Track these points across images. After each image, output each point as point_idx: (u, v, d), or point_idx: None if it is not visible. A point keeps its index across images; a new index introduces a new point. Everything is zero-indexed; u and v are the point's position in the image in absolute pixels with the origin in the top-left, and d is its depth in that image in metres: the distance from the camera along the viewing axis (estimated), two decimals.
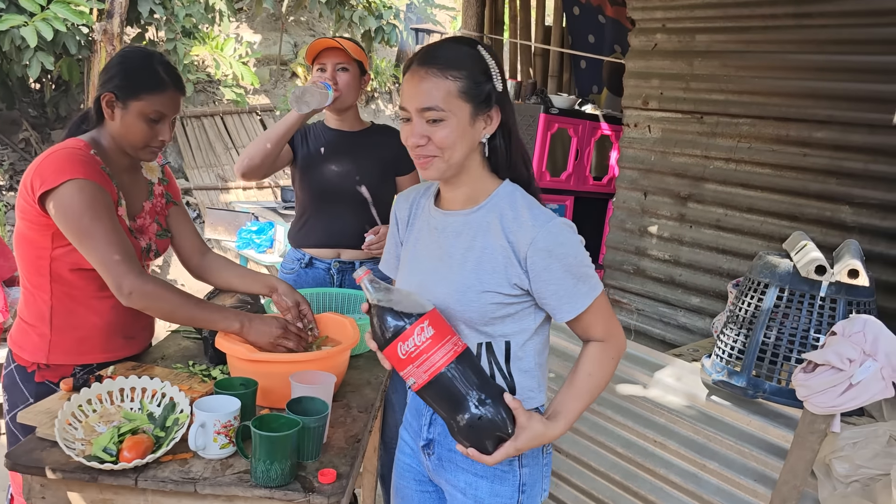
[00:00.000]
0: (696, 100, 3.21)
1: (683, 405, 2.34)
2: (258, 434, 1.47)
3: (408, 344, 1.31)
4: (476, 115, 1.36)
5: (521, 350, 1.48)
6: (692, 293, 3.29)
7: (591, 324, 1.45)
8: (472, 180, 1.45)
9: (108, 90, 1.85)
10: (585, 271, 1.40)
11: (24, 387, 1.92)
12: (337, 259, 2.60)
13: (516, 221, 1.39)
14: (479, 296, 1.41)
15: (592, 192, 4.52)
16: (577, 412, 1.44)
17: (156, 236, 2.07)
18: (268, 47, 8.21)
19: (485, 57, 1.38)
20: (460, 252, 1.45)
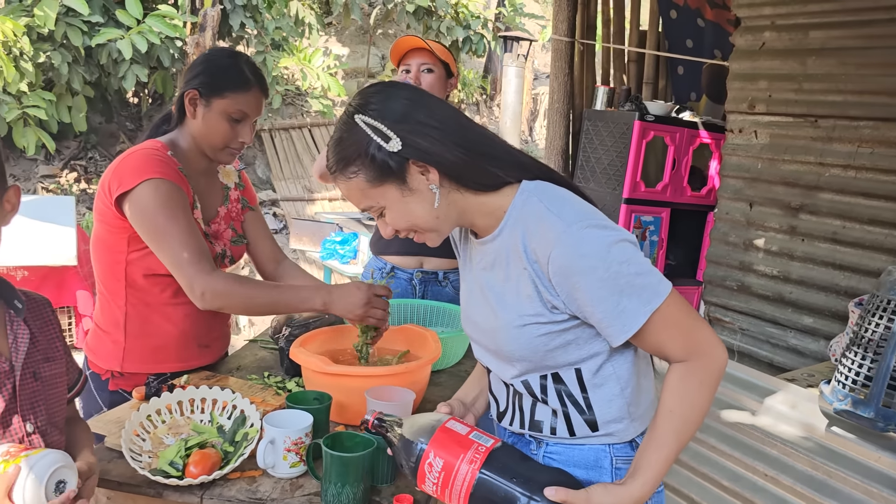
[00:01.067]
0: (810, 102, 2.96)
1: (799, 436, 2.14)
2: (329, 454, 1.37)
3: (428, 482, 1.21)
4: (402, 183, 1.21)
5: (598, 376, 1.26)
6: (804, 312, 3.03)
7: (661, 342, 1.18)
8: (478, 210, 1.26)
9: (192, 87, 1.81)
10: (630, 281, 1.14)
11: (98, 395, 1.88)
12: (420, 269, 2.49)
13: (535, 237, 1.18)
14: (521, 331, 1.23)
15: (690, 203, 4.28)
16: (661, 464, 1.17)
17: (231, 242, 2.00)
18: (356, 60, 8.30)
19: (365, 129, 1.19)
20: (499, 285, 1.28)
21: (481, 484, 1.17)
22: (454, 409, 1.41)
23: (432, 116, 1.20)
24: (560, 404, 1.29)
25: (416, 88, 1.26)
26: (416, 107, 1.20)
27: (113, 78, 5.20)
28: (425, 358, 1.79)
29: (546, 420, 1.32)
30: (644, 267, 1.17)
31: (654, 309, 1.15)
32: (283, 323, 2.12)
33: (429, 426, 1.25)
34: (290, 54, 6.32)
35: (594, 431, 1.29)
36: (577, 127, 4.63)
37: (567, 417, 1.29)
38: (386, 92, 1.22)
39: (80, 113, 5.35)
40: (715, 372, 1.19)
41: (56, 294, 3.69)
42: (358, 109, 1.21)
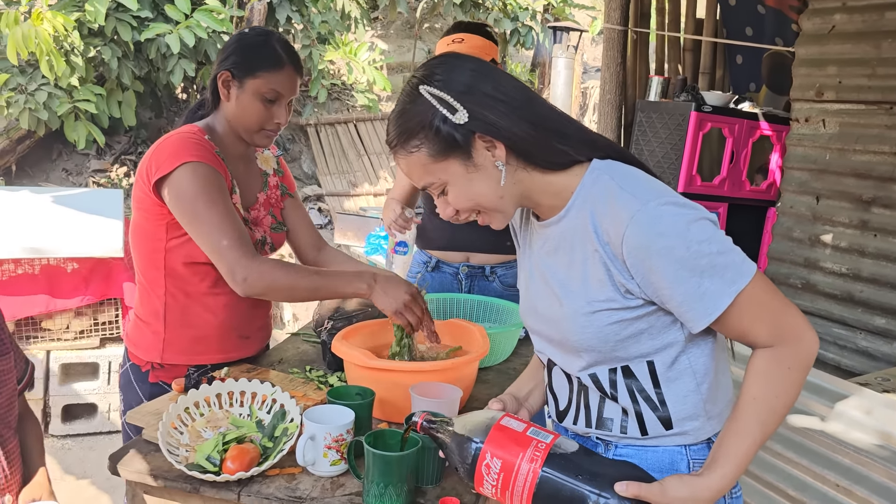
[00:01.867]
0: (885, 87, 2.80)
1: (874, 444, 2.01)
2: (371, 452, 1.29)
3: (487, 484, 1.14)
4: (467, 159, 1.15)
5: (672, 370, 1.18)
6: (876, 313, 2.86)
7: (745, 326, 1.10)
8: (544, 191, 1.19)
9: (224, 68, 1.77)
10: (712, 261, 1.06)
11: (138, 387, 1.83)
12: (465, 263, 2.40)
13: (608, 216, 1.11)
14: (591, 318, 1.15)
15: (749, 198, 4.10)
16: (743, 453, 1.08)
17: (270, 229, 1.94)
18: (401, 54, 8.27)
19: (430, 99, 1.13)
20: (563, 270, 1.20)
21: (544, 483, 1.09)
22: (507, 404, 1.33)
23: (499, 89, 1.14)
24: (631, 401, 1.20)
25: (481, 61, 1.19)
26: (483, 79, 1.15)
27: (162, 73, 5.24)
28: (473, 354, 1.71)
29: (616, 418, 1.23)
30: (726, 245, 1.08)
31: (738, 290, 1.07)
32: (326, 316, 2.06)
33: (483, 424, 1.17)
34: (335, 48, 6.30)
35: (668, 430, 1.20)
36: (629, 119, 4.49)
37: (639, 415, 1.20)
38: (451, 63, 1.17)
39: (130, 108, 5.41)
40: (805, 358, 1.10)
41: (104, 286, 3.70)
42: (423, 80, 1.15)
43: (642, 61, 4.61)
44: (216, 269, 1.77)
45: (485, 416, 1.19)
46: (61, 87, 5.02)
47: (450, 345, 1.90)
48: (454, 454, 1.17)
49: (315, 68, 6.07)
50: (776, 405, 1.09)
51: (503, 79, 1.17)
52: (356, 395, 1.57)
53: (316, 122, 6.70)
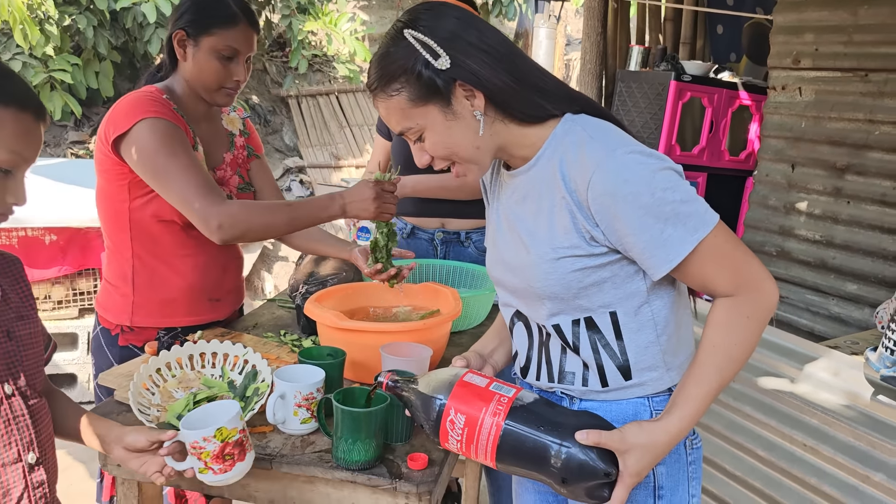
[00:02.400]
0: (861, 55, 2.80)
1: (841, 404, 2.03)
2: (340, 409, 1.30)
3: (452, 440, 1.15)
4: (447, 105, 1.15)
5: (635, 320, 1.19)
6: (848, 279, 2.89)
7: (707, 275, 1.11)
8: (518, 142, 1.21)
9: (178, 27, 1.74)
10: (675, 208, 1.07)
11: (108, 350, 1.83)
12: (441, 229, 2.40)
13: (576, 164, 1.12)
14: (556, 265, 1.16)
15: (728, 168, 4.12)
16: (700, 399, 1.11)
17: (237, 190, 1.93)
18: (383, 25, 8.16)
19: (414, 44, 1.13)
20: (530, 218, 1.21)
21: (508, 435, 1.11)
22: (470, 361, 1.35)
23: (483, 39, 1.15)
24: (593, 352, 1.22)
25: (466, 10, 1.19)
26: (468, 27, 1.15)
27: (139, 42, 5.15)
28: (445, 315, 1.71)
29: (577, 371, 1.25)
30: (690, 195, 1.09)
31: (700, 238, 1.08)
32: (301, 281, 2.06)
33: (446, 382, 1.18)
34: (315, 18, 6.22)
35: (627, 380, 1.22)
36: (609, 89, 4.48)
37: (600, 368, 1.22)
38: (437, 9, 1.17)
39: (108, 78, 5.33)
40: (765, 307, 1.11)
41: (81, 256, 3.67)
42: (407, 24, 1.15)
43: (623, 31, 4.59)
44: (184, 230, 1.76)
45: (448, 374, 1.21)
46: (36, 57, 4.93)
47: (425, 307, 1.91)
48: (419, 412, 1.19)
49: (295, 39, 5.99)
50: (734, 353, 1.11)
51: (487, 30, 1.17)
52: (328, 356, 1.58)
53: (297, 93, 6.63)
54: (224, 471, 1.22)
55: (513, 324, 1.34)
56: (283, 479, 1.37)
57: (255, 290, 5.20)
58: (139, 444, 1.23)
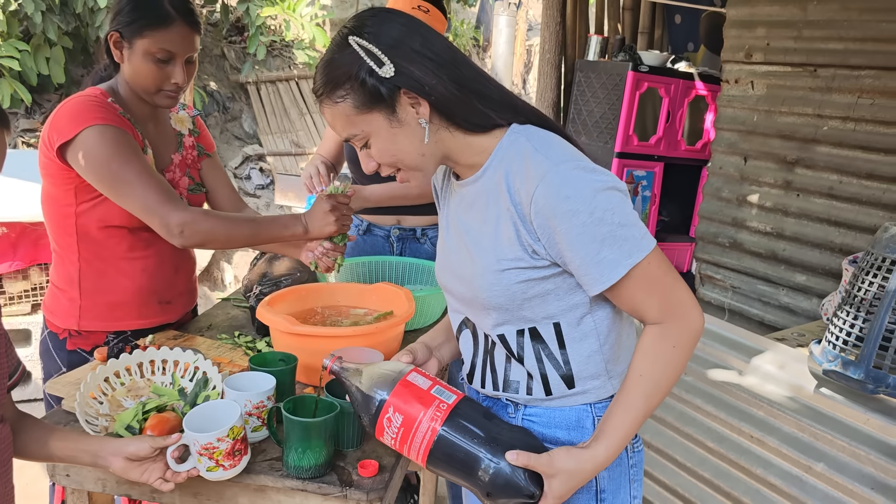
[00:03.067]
0: (810, 50, 2.85)
1: (786, 397, 2.09)
2: (290, 418, 1.31)
3: (387, 436, 1.18)
4: (391, 113, 1.15)
5: (577, 330, 1.21)
6: (797, 270, 2.96)
7: (637, 300, 1.14)
8: (464, 151, 1.21)
9: (112, 28, 1.67)
10: (613, 231, 1.08)
11: (56, 355, 1.80)
12: (397, 226, 2.40)
13: (520, 175, 1.13)
14: (500, 276, 1.17)
15: (685, 157, 4.18)
16: (627, 426, 1.14)
17: (188, 191, 1.91)
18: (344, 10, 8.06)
19: (358, 51, 1.13)
20: (476, 228, 1.22)
21: (441, 442, 1.14)
22: (417, 353, 1.37)
23: (428, 47, 1.15)
24: (537, 362, 1.23)
25: (412, 17, 1.19)
26: (413, 35, 1.15)
27: (91, 28, 5.02)
28: (398, 317, 1.72)
29: (521, 381, 1.26)
30: (629, 218, 1.11)
31: (633, 263, 1.10)
32: (255, 281, 2.05)
33: (390, 378, 1.20)
34: (273, 4, 6.12)
35: (570, 389, 1.24)
36: (569, 78, 4.50)
37: (544, 377, 1.24)
38: (382, 16, 1.17)
39: (59, 65, 5.18)
40: (690, 336, 1.14)
41: (33, 251, 3.59)
42: (352, 31, 1.15)
43: (582, 20, 4.61)
44: (133, 233, 1.74)
45: (393, 369, 1.22)
46: None
47: (378, 309, 1.91)
48: (359, 403, 1.21)
49: (253, 24, 5.89)
50: (661, 381, 1.14)
51: (432, 37, 1.17)
52: (279, 362, 1.57)
53: (256, 79, 6.53)
54: (233, 466, 1.27)
55: (460, 330, 1.36)
56: (233, 487, 1.37)
57: (214, 281, 5.15)
58: (143, 452, 1.23)
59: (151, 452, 1.24)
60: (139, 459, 1.24)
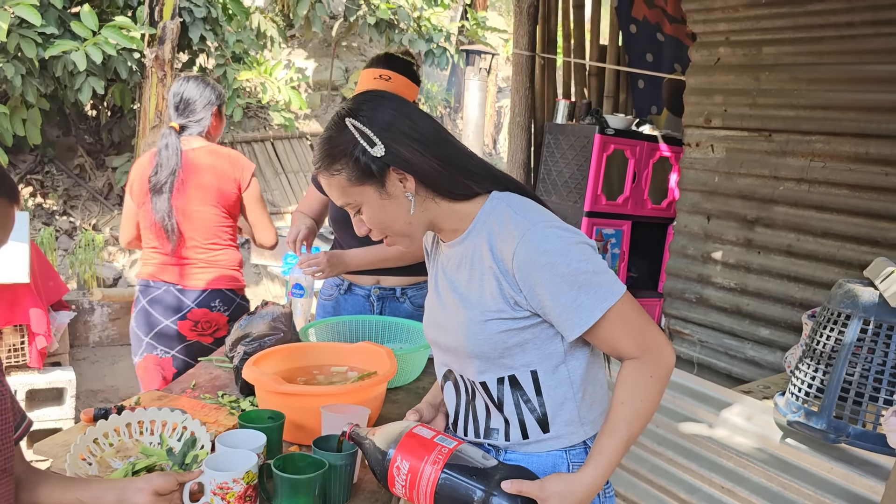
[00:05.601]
0: (764, 116, 3.02)
1: (754, 448, 2.16)
2: (279, 476, 1.34)
3: (398, 484, 1.29)
4: (381, 186, 1.29)
5: (553, 377, 1.33)
6: (761, 324, 3.07)
7: (614, 339, 1.27)
8: (448, 218, 1.35)
9: None
10: (588, 279, 1.22)
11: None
12: (377, 285, 2.47)
13: (501, 236, 1.28)
14: (484, 326, 1.30)
15: (651, 216, 4.32)
16: (613, 450, 1.25)
17: None
18: (319, 73, 8.26)
19: (353, 131, 1.28)
20: (464, 284, 1.35)
21: (444, 483, 1.24)
22: (423, 413, 1.47)
23: (415, 129, 1.29)
24: (515, 409, 1.34)
25: (404, 101, 1.34)
26: (402, 118, 1.29)
27: (69, 90, 5.09)
28: (380, 375, 1.78)
29: (500, 428, 1.37)
30: (601, 267, 1.25)
31: (609, 306, 1.23)
32: (238, 340, 2.08)
33: (397, 433, 1.32)
34: (250, 67, 6.27)
35: (545, 432, 1.34)
36: (538, 140, 4.65)
37: (521, 423, 1.35)
38: (376, 101, 1.32)
39: (36, 126, 5.23)
40: (664, 368, 1.27)
41: (8, 312, 3.58)
42: (349, 113, 1.30)
43: (550, 85, 4.79)
44: None
45: (400, 427, 1.34)
46: None
47: (361, 368, 1.96)
48: (373, 459, 1.32)
49: (230, 87, 6.02)
50: (640, 408, 1.26)
51: (420, 119, 1.32)
52: (268, 419, 1.61)
53: (231, 140, 6.63)
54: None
55: (444, 381, 1.46)
56: None
57: None
58: (169, 485, 1.29)
59: (177, 486, 1.31)
60: (166, 493, 1.29)
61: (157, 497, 1.29)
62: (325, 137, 1.32)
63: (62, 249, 5.27)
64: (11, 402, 1.29)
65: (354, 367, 1.96)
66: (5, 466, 1.23)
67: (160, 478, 1.30)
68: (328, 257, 2.28)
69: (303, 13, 6.89)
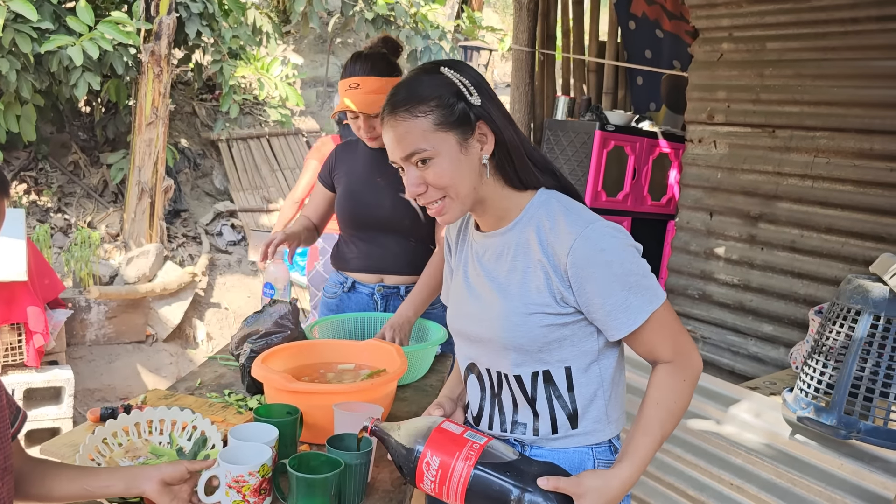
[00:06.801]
0: (768, 112, 3.01)
1: (763, 444, 2.15)
2: (295, 475, 1.32)
3: (426, 481, 1.27)
4: (464, 139, 1.25)
5: (585, 375, 1.34)
6: (764, 320, 3.07)
7: (654, 342, 1.28)
8: (497, 202, 1.33)
9: None
10: (638, 281, 1.24)
11: None
12: (381, 283, 2.45)
13: (553, 231, 1.27)
14: (526, 319, 1.29)
15: (651, 212, 4.32)
16: (647, 448, 1.26)
17: None
18: (315, 69, 8.21)
19: (450, 78, 1.26)
20: (503, 275, 1.33)
21: (477, 480, 1.22)
22: (445, 406, 1.46)
23: (498, 105, 1.30)
24: (547, 403, 1.34)
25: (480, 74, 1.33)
26: (486, 85, 1.30)
27: (64, 86, 5.03)
28: (391, 373, 1.76)
29: (528, 423, 1.37)
30: (647, 271, 1.27)
31: (654, 309, 1.25)
32: (244, 338, 2.06)
33: (424, 428, 1.30)
34: (247, 63, 6.22)
35: (574, 428, 1.35)
36: (538, 137, 4.65)
37: (552, 417, 1.35)
38: (460, 64, 1.30)
39: (30, 122, 5.17)
40: (696, 373, 1.30)
41: (6, 310, 3.54)
42: (440, 65, 1.28)
43: (549, 82, 4.78)
44: None
45: (427, 422, 1.32)
46: None
47: (370, 365, 1.94)
48: (399, 455, 1.30)
49: (226, 84, 5.97)
50: (674, 409, 1.27)
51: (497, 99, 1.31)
52: (285, 414, 1.59)
53: (227, 137, 6.59)
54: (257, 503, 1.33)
55: (467, 375, 1.45)
56: None
57: (186, 339, 5.10)
58: (179, 474, 1.28)
59: (186, 475, 1.29)
60: (175, 483, 1.28)
61: (164, 486, 1.28)
62: (413, 79, 1.27)
63: (57, 247, 5.22)
64: (7, 400, 1.26)
65: (363, 365, 1.95)
66: (5, 465, 1.21)
67: (169, 466, 1.29)
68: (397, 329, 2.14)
69: (300, 9, 6.85)
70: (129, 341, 4.79)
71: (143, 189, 5.26)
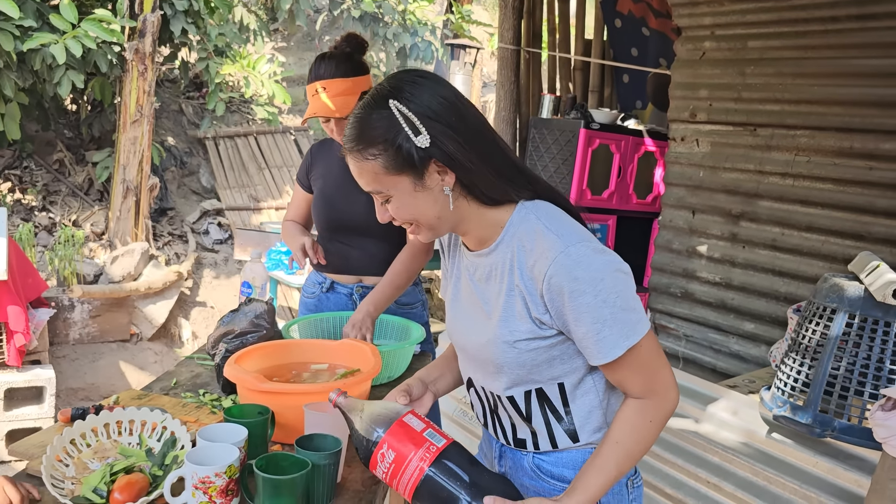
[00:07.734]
0: (749, 111, 3.01)
1: (740, 442, 2.16)
2: (260, 476, 1.31)
3: (379, 469, 1.27)
4: (418, 178, 1.19)
5: (580, 387, 1.29)
6: (746, 318, 3.07)
7: (626, 377, 1.21)
8: (476, 221, 1.27)
9: None
10: (613, 314, 1.15)
11: None
12: (359, 283, 2.44)
13: (532, 253, 1.19)
14: (512, 347, 1.25)
15: (636, 211, 4.32)
16: (598, 487, 1.20)
17: None
18: (302, 66, 8.19)
19: (397, 117, 1.16)
20: (493, 297, 1.28)
21: (427, 481, 1.22)
22: (412, 388, 1.43)
23: (463, 122, 1.19)
24: (544, 422, 1.31)
25: (452, 87, 1.23)
26: (451, 109, 1.19)
27: (48, 84, 5.01)
28: (364, 373, 1.75)
29: (528, 438, 1.35)
30: (630, 303, 1.18)
31: (630, 346, 1.17)
32: (220, 338, 2.05)
33: (388, 417, 1.29)
34: (233, 61, 6.20)
35: (575, 442, 1.31)
36: (523, 135, 4.64)
37: (550, 434, 1.32)
38: (423, 84, 1.19)
39: (14, 121, 5.14)
40: (666, 413, 1.23)
41: None
42: (392, 94, 1.17)
43: (535, 80, 4.78)
44: None
45: (391, 410, 1.30)
46: None
47: (345, 365, 1.93)
48: (358, 436, 1.29)
49: (212, 81, 5.94)
50: (633, 450, 1.21)
51: (469, 112, 1.21)
52: (256, 414, 1.58)
53: (214, 135, 6.56)
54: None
55: (468, 387, 1.44)
56: None
57: (171, 338, 5.08)
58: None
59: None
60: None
61: None
62: (363, 117, 1.19)
63: (41, 245, 5.19)
64: None
65: (338, 365, 1.94)
66: None
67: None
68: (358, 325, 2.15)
69: (286, 6, 6.83)
70: (114, 340, 4.77)
71: (128, 187, 5.23)
